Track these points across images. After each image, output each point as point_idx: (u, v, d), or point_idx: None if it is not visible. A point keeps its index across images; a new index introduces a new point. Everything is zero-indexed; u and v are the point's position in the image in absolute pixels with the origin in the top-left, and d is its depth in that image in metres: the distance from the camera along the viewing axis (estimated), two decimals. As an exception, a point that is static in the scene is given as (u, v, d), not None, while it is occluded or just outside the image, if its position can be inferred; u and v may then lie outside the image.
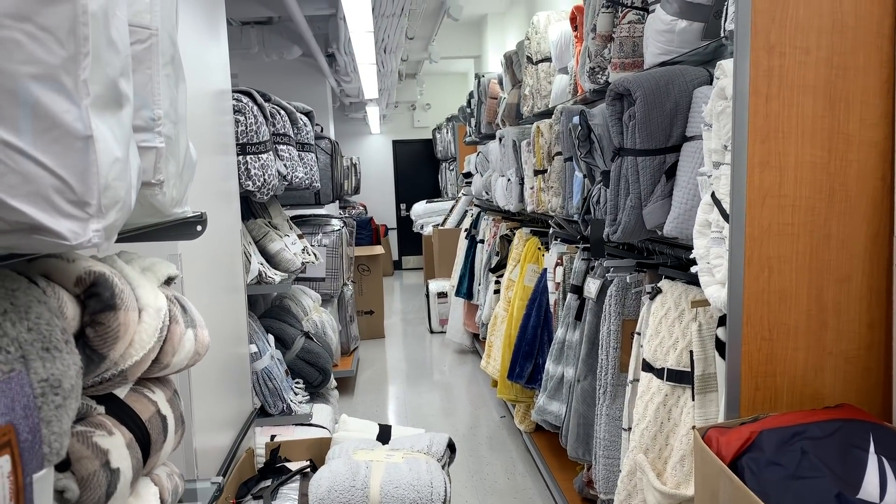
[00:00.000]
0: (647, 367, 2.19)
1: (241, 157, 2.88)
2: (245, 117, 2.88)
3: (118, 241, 0.89)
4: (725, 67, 1.67)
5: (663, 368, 2.10)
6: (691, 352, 1.98)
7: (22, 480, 0.60)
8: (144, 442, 0.91)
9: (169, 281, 1.03)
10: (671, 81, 2.09)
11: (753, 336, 1.60)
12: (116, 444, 0.83)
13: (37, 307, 0.68)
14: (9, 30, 0.56)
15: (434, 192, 12.69)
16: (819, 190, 1.57)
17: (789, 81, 1.54)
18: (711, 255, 1.72)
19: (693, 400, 1.98)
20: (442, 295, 7.39)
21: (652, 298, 2.24)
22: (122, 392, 0.92)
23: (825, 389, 1.62)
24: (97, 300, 0.79)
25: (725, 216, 1.64)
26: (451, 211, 8.64)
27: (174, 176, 0.95)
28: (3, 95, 0.56)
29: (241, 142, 2.88)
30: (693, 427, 1.91)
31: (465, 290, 6.13)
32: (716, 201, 1.70)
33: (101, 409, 0.87)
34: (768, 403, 1.62)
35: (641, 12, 2.47)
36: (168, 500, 0.99)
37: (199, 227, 1.15)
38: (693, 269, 1.81)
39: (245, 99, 2.93)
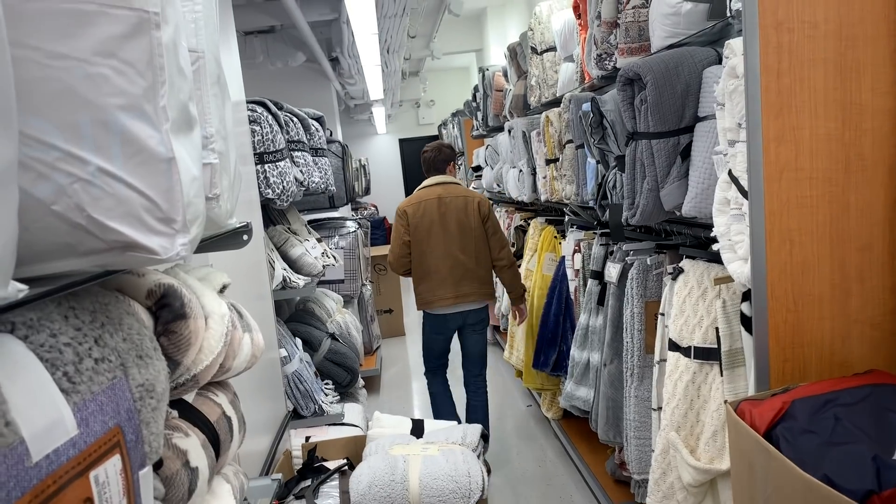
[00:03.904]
0: (673, 346, 2.22)
1: (259, 167, 2.92)
2: (261, 127, 2.92)
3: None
4: (734, 46, 1.70)
5: (690, 347, 2.13)
6: (717, 328, 2.01)
7: (131, 478, 0.65)
8: (215, 442, 0.96)
9: (223, 289, 1.08)
10: (680, 63, 2.12)
11: (779, 308, 1.63)
12: (193, 445, 0.88)
13: (127, 319, 0.72)
14: (97, 66, 0.61)
15: (443, 188, 12.69)
16: (835, 161, 1.59)
17: (799, 56, 1.56)
18: (732, 231, 1.75)
19: (721, 376, 2.01)
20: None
21: (674, 279, 2.27)
22: (190, 396, 0.97)
23: (853, 356, 1.65)
24: (169, 310, 0.84)
25: (744, 193, 1.68)
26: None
27: (227, 189, 1.00)
28: (97, 126, 0.61)
29: (258, 151, 2.92)
30: (725, 401, 1.95)
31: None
32: (733, 179, 1.73)
33: (175, 412, 0.92)
34: (797, 374, 1.65)
35: (645, -3, 2.49)
36: (237, 497, 1.04)
37: (245, 237, 1.20)
38: (714, 247, 1.84)
39: (260, 109, 2.97)
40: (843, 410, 1.41)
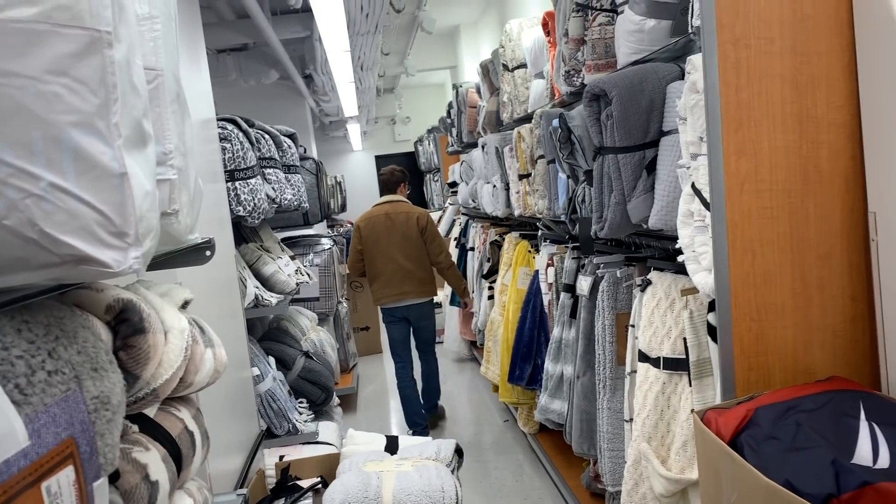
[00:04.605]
0: (643, 357, 2.24)
1: (229, 184, 2.92)
2: (231, 144, 2.93)
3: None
4: (695, 62, 1.74)
5: (659, 357, 2.16)
6: (685, 339, 2.04)
7: (85, 489, 0.65)
8: (177, 456, 0.96)
9: (185, 305, 1.08)
10: (644, 79, 2.16)
11: (742, 318, 1.66)
12: (153, 459, 0.89)
13: (82, 332, 0.73)
14: (50, 84, 0.62)
15: (419, 204, 12.70)
16: (794, 173, 1.63)
17: (757, 71, 1.60)
18: (696, 243, 1.79)
19: (690, 386, 2.03)
20: (436, 305, 7.41)
21: (643, 290, 2.30)
22: (151, 411, 0.98)
23: (815, 364, 1.68)
24: (127, 325, 0.84)
25: (706, 205, 1.71)
26: (438, 221, 8.69)
27: (187, 205, 1.01)
28: (49, 143, 0.62)
29: (228, 168, 2.92)
30: (692, 410, 1.97)
31: (459, 298, 6.17)
32: (696, 191, 1.77)
33: (136, 427, 0.93)
34: (762, 382, 1.68)
35: (611, 14, 2.54)
36: (200, 512, 1.04)
37: (207, 253, 1.20)
38: (680, 259, 1.87)
39: (230, 126, 2.98)
40: (804, 417, 1.44)
